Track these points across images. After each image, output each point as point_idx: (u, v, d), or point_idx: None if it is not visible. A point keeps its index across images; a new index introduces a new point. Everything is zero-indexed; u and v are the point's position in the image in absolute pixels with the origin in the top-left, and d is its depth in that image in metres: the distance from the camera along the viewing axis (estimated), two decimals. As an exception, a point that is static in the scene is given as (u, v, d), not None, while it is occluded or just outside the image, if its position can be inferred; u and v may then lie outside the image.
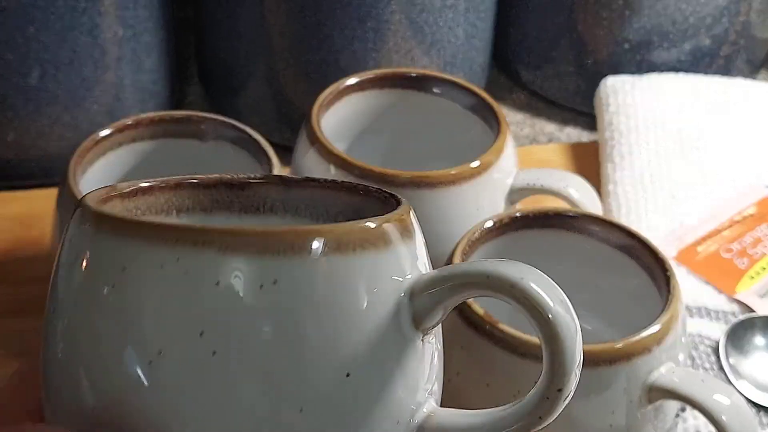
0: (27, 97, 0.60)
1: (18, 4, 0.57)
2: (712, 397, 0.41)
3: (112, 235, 0.27)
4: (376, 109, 0.57)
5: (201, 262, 0.26)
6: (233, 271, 0.26)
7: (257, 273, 0.26)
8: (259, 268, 0.26)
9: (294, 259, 0.26)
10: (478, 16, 0.66)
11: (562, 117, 0.73)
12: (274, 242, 0.26)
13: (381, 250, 0.28)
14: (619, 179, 0.61)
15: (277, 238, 0.26)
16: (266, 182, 0.33)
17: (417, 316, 0.29)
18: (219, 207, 0.33)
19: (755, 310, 0.54)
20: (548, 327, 0.28)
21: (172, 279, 0.26)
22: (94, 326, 0.27)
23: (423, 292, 0.29)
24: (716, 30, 0.70)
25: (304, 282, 0.27)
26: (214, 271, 0.26)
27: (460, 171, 0.50)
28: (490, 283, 0.28)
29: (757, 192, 0.61)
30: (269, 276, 0.26)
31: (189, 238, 0.26)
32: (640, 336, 0.41)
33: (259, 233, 0.27)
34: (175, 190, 0.32)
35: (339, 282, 0.27)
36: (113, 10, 0.60)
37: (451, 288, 0.29)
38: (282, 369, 0.27)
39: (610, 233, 0.47)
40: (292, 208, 0.33)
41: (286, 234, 0.27)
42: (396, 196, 0.31)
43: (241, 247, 0.26)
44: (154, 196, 0.32)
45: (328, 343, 0.27)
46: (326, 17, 0.62)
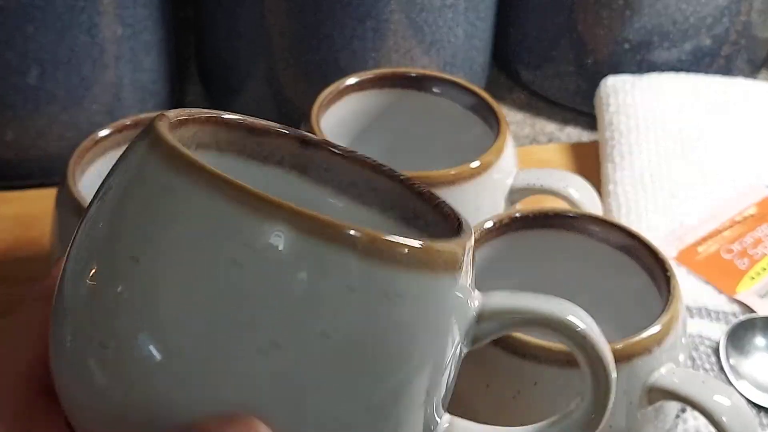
0: (26, 97, 0.60)
1: (17, 3, 0.57)
2: (713, 397, 0.41)
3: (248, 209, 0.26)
4: (376, 109, 0.57)
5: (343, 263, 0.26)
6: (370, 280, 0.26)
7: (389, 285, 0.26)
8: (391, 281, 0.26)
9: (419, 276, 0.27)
10: (478, 15, 0.66)
11: (562, 117, 0.73)
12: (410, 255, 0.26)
13: (465, 271, 0.29)
14: (619, 179, 0.61)
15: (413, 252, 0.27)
16: (284, 135, 0.33)
17: (477, 337, 0.31)
18: (232, 149, 0.33)
19: (756, 311, 0.54)
20: (602, 377, 0.31)
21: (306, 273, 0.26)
22: (203, 298, 0.26)
23: (490, 320, 0.30)
24: (717, 30, 0.70)
25: (421, 300, 0.27)
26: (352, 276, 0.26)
27: (460, 171, 0.50)
28: (555, 327, 0.31)
29: (757, 192, 0.61)
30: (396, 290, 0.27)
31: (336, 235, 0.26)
32: (641, 337, 0.41)
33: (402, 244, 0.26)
34: (202, 125, 0.32)
35: (441, 302, 0.28)
36: (112, 9, 0.60)
37: (517, 321, 0.31)
38: (378, 383, 0.27)
39: (610, 233, 0.47)
40: (299, 166, 0.33)
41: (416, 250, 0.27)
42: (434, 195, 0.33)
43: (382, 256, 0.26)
44: (184, 128, 0.31)
45: (419, 360, 0.28)
46: (326, 17, 0.62)
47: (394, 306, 0.26)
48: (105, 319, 0.27)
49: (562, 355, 0.41)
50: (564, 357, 0.41)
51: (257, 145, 0.33)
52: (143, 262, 0.26)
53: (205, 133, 0.32)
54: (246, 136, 0.33)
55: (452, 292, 0.28)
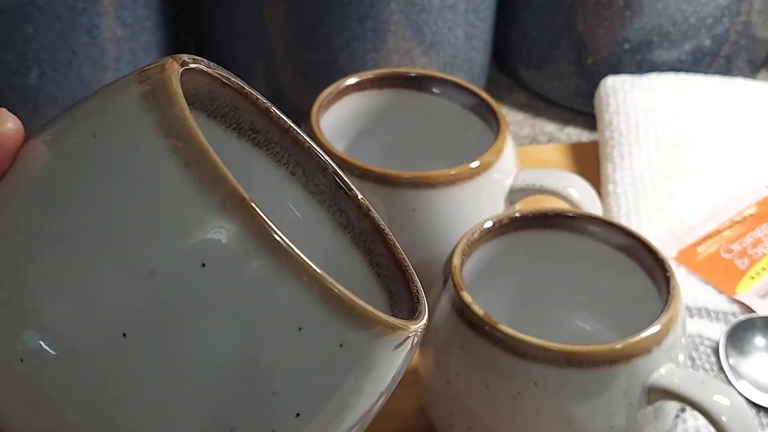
0: (25, 97, 0.60)
1: (16, 4, 0.57)
2: (712, 397, 0.41)
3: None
4: (376, 109, 0.57)
5: (328, 327, 0.26)
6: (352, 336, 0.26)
7: (336, 335, 0.26)
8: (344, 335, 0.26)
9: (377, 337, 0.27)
10: (477, 16, 0.66)
11: (562, 117, 0.73)
12: (383, 325, 0.27)
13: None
14: (619, 179, 0.61)
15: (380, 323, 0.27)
16: (256, 107, 0.33)
17: None
18: (197, 107, 0.32)
19: (755, 311, 0.54)
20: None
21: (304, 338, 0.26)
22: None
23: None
24: (717, 30, 0.70)
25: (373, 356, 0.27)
26: (338, 334, 0.26)
27: (460, 171, 0.50)
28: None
29: (757, 192, 0.61)
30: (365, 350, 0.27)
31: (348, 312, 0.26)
32: (640, 337, 0.41)
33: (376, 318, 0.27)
34: (185, 76, 0.30)
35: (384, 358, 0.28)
36: (112, 10, 0.60)
37: None
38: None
39: (610, 233, 0.47)
40: (249, 131, 0.33)
41: (390, 326, 0.27)
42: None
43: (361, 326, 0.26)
44: (183, 78, 0.30)
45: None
46: (325, 17, 0.62)
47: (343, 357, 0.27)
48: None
49: (562, 355, 0.41)
50: (564, 357, 0.41)
51: (217, 109, 0.33)
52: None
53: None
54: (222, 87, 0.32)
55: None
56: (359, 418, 0.29)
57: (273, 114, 0.33)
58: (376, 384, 0.28)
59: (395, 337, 0.27)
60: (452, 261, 0.44)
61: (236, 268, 0.25)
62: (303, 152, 0.34)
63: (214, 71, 0.31)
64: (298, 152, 0.34)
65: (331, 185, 0.34)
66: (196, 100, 0.32)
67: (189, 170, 0.25)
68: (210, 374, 0.26)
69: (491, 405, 0.42)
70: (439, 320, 0.44)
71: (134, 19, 0.62)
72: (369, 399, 0.28)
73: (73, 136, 0.28)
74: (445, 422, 0.45)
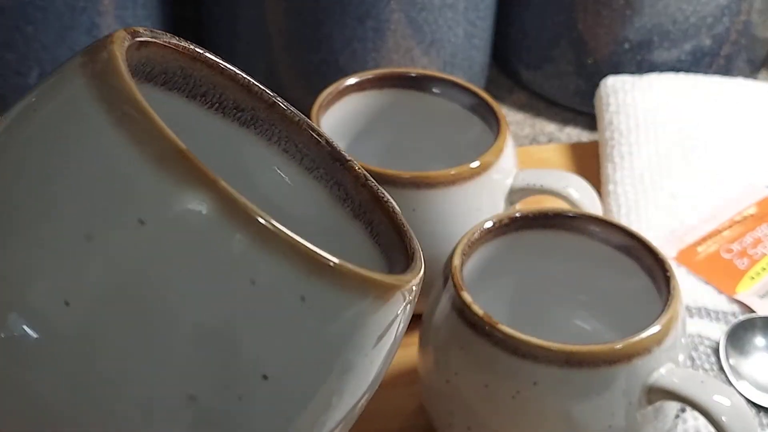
0: (26, 97, 0.60)
1: (17, 3, 0.57)
2: (712, 397, 0.41)
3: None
4: (376, 109, 0.57)
5: (283, 278, 0.25)
6: (316, 291, 0.25)
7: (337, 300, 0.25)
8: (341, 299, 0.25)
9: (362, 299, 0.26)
10: (477, 15, 0.66)
11: (562, 117, 0.73)
12: (352, 282, 0.25)
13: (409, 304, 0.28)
14: (619, 179, 0.61)
15: (359, 280, 0.26)
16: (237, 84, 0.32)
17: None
18: (173, 87, 0.31)
19: (755, 311, 0.54)
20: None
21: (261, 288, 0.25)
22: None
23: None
24: (717, 30, 0.70)
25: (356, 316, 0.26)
26: (297, 286, 0.25)
27: (460, 171, 0.50)
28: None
29: (757, 192, 0.61)
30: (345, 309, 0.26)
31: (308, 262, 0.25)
32: (640, 337, 0.41)
33: (349, 272, 0.25)
34: (145, 50, 0.30)
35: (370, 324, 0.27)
36: (112, 10, 0.60)
37: None
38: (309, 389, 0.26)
39: (610, 233, 0.47)
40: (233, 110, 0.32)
41: (364, 280, 0.26)
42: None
43: (324, 275, 0.25)
44: (139, 52, 0.29)
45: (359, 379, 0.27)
46: (326, 17, 0.62)
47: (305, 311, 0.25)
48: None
49: (562, 355, 0.41)
50: (564, 357, 0.41)
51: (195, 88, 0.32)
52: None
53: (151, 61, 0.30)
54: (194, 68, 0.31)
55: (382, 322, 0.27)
56: (347, 383, 0.27)
57: (255, 89, 0.32)
58: (356, 343, 0.26)
59: (369, 292, 0.26)
60: (452, 261, 0.44)
61: (177, 222, 0.24)
62: (293, 126, 0.32)
63: (180, 45, 0.30)
64: (288, 127, 0.32)
65: (326, 158, 0.32)
66: (168, 80, 0.30)
67: (121, 128, 0.24)
68: (166, 337, 0.24)
69: (491, 405, 0.42)
70: (439, 320, 0.44)
71: (134, 19, 0.62)
72: (352, 359, 0.26)
73: (19, 110, 0.27)
74: (444, 422, 0.45)
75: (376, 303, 0.26)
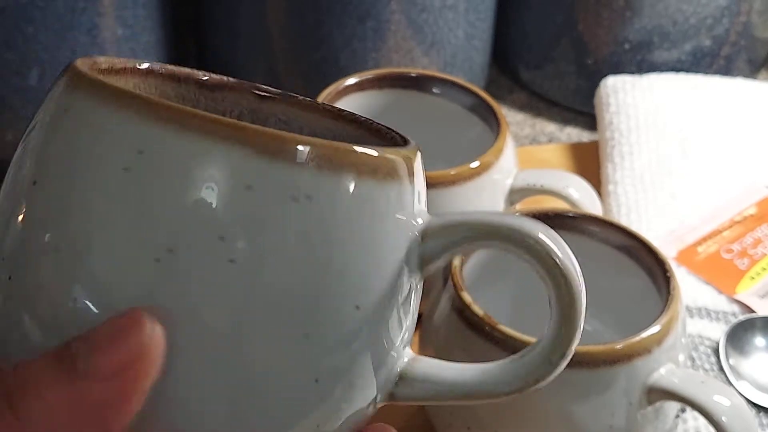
0: (26, 98, 0.60)
1: (17, 3, 0.57)
2: (712, 398, 0.41)
3: (133, 114, 0.25)
4: (376, 109, 0.57)
5: (237, 162, 0.25)
6: (269, 179, 0.25)
7: (293, 185, 0.25)
8: (296, 181, 0.25)
9: (332, 178, 0.25)
10: (477, 16, 0.66)
11: (562, 117, 0.73)
12: (318, 155, 0.25)
13: (405, 184, 0.27)
14: (619, 179, 0.61)
15: (320, 151, 0.25)
16: (238, 89, 0.32)
17: (425, 259, 0.28)
18: (185, 103, 0.31)
19: (755, 311, 0.54)
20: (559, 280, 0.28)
21: (200, 174, 0.25)
22: (98, 209, 0.25)
23: (436, 236, 0.28)
24: (717, 30, 0.70)
25: (337, 203, 0.26)
26: (248, 174, 0.25)
27: (460, 171, 0.50)
28: (504, 235, 0.28)
29: (757, 192, 0.61)
30: (304, 191, 0.25)
31: (228, 133, 0.24)
32: (640, 337, 0.41)
33: (305, 141, 0.25)
34: (145, 77, 0.31)
35: (367, 208, 0.26)
36: (112, 10, 0.60)
37: (465, 236, 0.28)
38: (295, 289, 0.25)
39: (610, 233, 0.47)
40: (260, 120, 0.32)
41: (324, 148, 0.25)
42: (398, 134, 0.31)
43: (281, 155, 0.25)
44: (124, 78, 0.30)
45: (345, 271, 0.26)
46: (326, 17, 0.62)
47: (302, 209, 0.25)
48: (12, 243, 0.26)
49: (562, 356, 0.41)
50: (564, 357, 0.41)
51: (212, 101, 0.32)
52: (40, 184, 0.26)
53: (149, 87, 0.31)
54: (199, 90, 0.32)
55: (383, 202, 0.27)
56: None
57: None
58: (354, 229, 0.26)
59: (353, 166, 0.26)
60: (452, 261, 0.44)
61: (154, 161, 0.25)
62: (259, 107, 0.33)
63: (132, 65, 0.31)
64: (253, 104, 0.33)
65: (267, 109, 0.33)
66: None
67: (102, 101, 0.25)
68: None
69: (491, 405, 0.42)
70: (439, 320, 0.44)
71: (134, 19, 0.62)
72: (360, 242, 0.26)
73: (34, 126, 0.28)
74: (444, 422, 0.45)
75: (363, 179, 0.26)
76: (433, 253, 0.28)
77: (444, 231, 0.28)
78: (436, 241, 0.28)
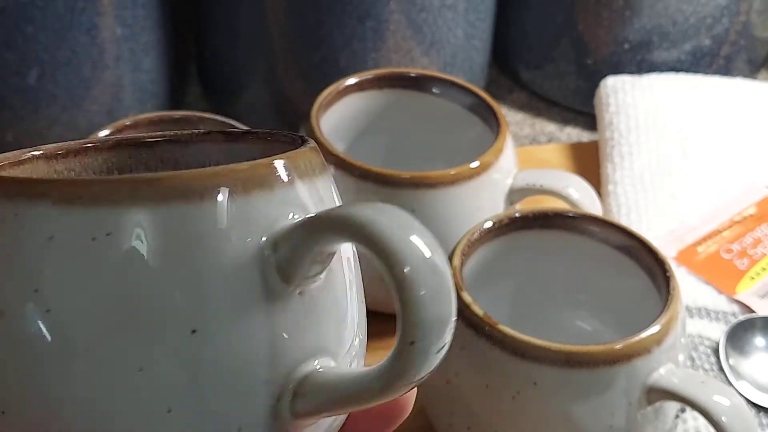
0: (25, 98, 0.60)
1: (17, 3, 0.57)
2: (712, 398, 0.41)
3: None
4: (376, 109, 0.57)
5: (34, 215, 0.25)
6: (66, 225, 0.25)
7: (89, 225, 0.25)
8: (91, 220, 0.25)
9: (129, 210, 0.25)
10: (477, 16, 0.66)
11: (562, 117, 0.73)
12: (106, 192, 0.25)
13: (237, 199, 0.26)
14: (619, 179, 0.61)
15: (109, 188, 0.25)
16: (208, 138, 0.32)
17: (283, 268, 0.26)
18: (165, 165, 0.32)
19: (755, 311, 0.54)
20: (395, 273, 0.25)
21: (9, 233, 0.25)
22: None
23: (284, 243, 0.26)
24: (716, 30, 0.70)
25: (138, 234, 0.25)
26: (47, 225, 0.25)
27: (460, 171, 0.50)
28: (340, 227, 0.26)
29: (757, 192, 0.61)
30: (102, 228, 0.25)
31: (23, 191, 0.25)
32: (640, 337, 0.41)
33: (90, 183, 0.26)
34: (114, 150, 0.31)
35: (178, 233, 0.25)
36: (111, 10, 0.60)
37: (309, 235, 0.26)
38: (116, 325, 0.25)
39: (610, 233, 0.47)
40: (234, 162, 0.32)
41: (117, 183, 0.25)
42: (302, 138, 0.30)
43: (72, 200, 0.25)
44: (90, 157, 0.31)
45: (170, 297, 0.25)
46: (326, 17, 0.62)
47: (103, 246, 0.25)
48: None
49: (562, 356, 0.41)
50: (564, 357, 0.41)
51: (190, 156, 0.32)
52: None
53: (121, 156, 0.31)
54: (171, 148, 0.32)
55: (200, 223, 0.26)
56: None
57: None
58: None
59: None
60: (452, 261, 0.44)
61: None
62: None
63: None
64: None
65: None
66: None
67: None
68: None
69: (491, 405, 0.42)
70: (439, 320, 0.44)
71: (134, 18, 0.61)
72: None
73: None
74: (444, 422, 0.45)
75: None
76: (288, 259, 0.27)
77: (289, 235, 0.26)
78: (286, 248, 0.26)
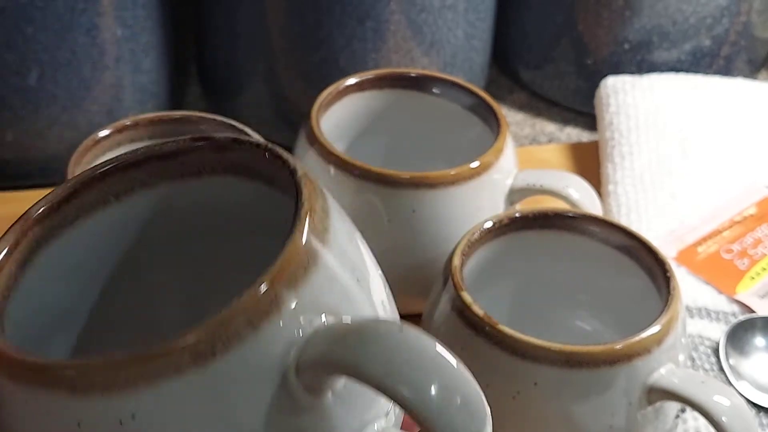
0: (26, 98, 0.60)
1: (17, 4, 0.57)
2: (712, 398, 0.41)
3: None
4: (376, 109, 0.57)
5: (56, 403, 0.26)
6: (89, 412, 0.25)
7: (113, 410, 0.25)
8: (113, 406, 0.25)
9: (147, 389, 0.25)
10: (477, 16, 0.66)
11: (562, 117, 0.73)
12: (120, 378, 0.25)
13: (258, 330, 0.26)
14: (619, 179, 0.61)
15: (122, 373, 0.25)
16: (197, 147, 0.32)
17: (309, 388, 0.27)
18: (161, 178, 0.32)
19: (755, 311, 0.54)
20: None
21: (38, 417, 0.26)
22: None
23: (307, 371, 0.27)
24: (716, 30, 0.70)
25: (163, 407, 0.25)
26: (72, 413, 0.25)
27: (460, 171, 0.50)
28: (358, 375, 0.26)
29: (757, 192, 0.61)
30: (125, 411, 0.25)
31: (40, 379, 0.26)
32: (640, 337, 0.41)
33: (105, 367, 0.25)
34: (106, 180, 0.31)
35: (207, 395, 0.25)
36: (111, 11, 0.60)
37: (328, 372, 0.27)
38: None
39: (610, 234, 0.47)
40: (230, 168, 0.32)
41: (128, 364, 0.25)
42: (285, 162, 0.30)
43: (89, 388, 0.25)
44: (88, 193, 0.31)
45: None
46: (326, 17, 0.62)
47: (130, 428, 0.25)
48: None
49: (562, 356, 0.41)
50: (564, 357, 0.41)
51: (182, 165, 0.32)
52: None
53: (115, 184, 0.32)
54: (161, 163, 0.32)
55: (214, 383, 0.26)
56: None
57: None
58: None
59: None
60: (452, 261, 0.44)
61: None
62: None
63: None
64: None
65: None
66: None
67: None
68: None
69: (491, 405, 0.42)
70: (439, 321, 0.44)
71: (134, 19, 0.62)
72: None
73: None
74: (445, 422, 0.45)
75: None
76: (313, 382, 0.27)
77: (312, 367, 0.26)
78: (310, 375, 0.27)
